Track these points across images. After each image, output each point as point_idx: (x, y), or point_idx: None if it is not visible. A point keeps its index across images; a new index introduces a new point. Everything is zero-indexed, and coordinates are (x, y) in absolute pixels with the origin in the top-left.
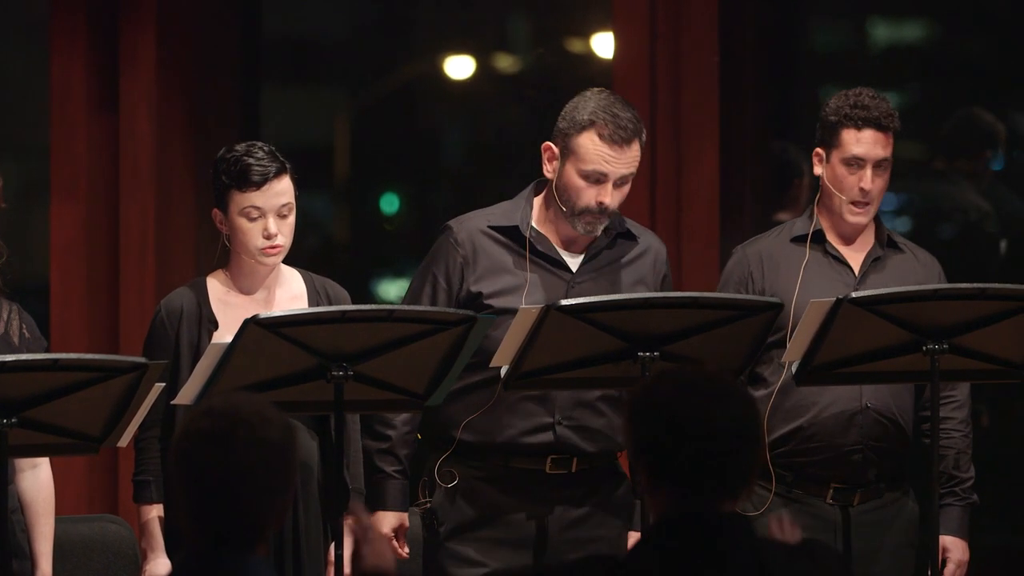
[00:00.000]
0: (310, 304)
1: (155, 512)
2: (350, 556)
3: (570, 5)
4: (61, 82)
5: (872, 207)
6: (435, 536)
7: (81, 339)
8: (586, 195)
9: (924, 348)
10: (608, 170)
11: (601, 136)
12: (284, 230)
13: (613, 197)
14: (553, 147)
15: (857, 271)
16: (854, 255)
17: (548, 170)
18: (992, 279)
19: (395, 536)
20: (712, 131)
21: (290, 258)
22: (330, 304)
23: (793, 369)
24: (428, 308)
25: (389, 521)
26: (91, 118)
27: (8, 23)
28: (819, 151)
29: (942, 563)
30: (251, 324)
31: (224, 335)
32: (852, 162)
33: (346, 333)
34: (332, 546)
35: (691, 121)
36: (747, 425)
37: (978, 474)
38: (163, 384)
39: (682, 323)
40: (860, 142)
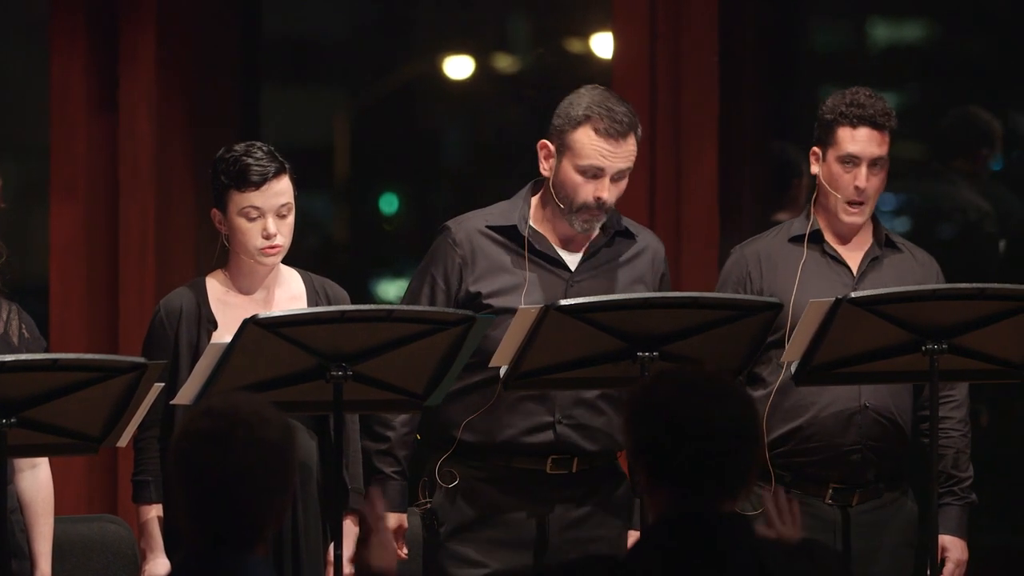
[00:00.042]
0: (309, 304)
1: (154, 512)
2: (353, 552)
3: (570, 5)
4: (61, 82)
5: (867, 206)
6: (435, 536)
7: (80, 339)
8: (584, 191)
9: (923, 348)
10: (605, 164)
11: (597, 131)
12: (283, 230)
13: (611, 192)
14: (549, 145)
15: (855, 271)
16: (852, 255)
17: (545, 168)
18: (991, 279)
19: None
20: (712, 131)
21: (289, 258)
22: (329, 304)
23: (792, 369)
24: (427, 308)
25: (389, 522)
26: (91, 118)
27: (8, 23)
28: (815, 150)
29: (941, 562)
30: (250, 324)
31: (223, 335)
32: (847, 160)
33: (345, 333)
34: (331, 546)
35: (691, 121)
36: (746, 425)
37: (977, 474)
38: (162, 384)
39: (681, 323)
40: (855, 140)
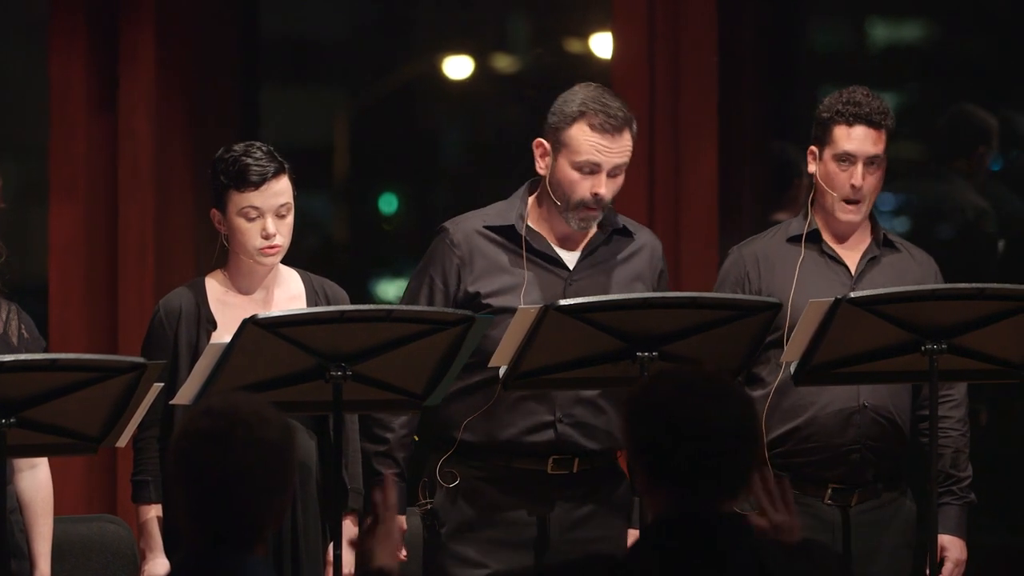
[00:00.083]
0: (308, 304)
1: (154, 512)
2: (355, 549)
3: (569, 5)
4: (60, 82)
5: (864, 205)
6: (436, 537)
7: (80, 339)
8: (581, 187)
9: (923, 348)
10: (601, 160)
11: (592, 126)
12: (282, 230)
13: (607, 188)
14: (545, 143)
15: (853, 270)
16: (850, 254)
17: (541, 166)
18: (990, 279)
19: None
20: (711, 131)
21: (289, 258)
22: (328, 304)
23: (792, 369)
24: (426, 308)
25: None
26: (90, 118)
27: (8, 23)
28: (813, 149)
29: (940, 562)
30: (249, 324)
31: (223, 335)
32: (843, 158)
33: (345, 333)
34: (331, 546)
35: (690, 121)
36: (745, 425)
37: (977, 474)
38: (162, 384)
39: (681, 323)
40: (851, 138)
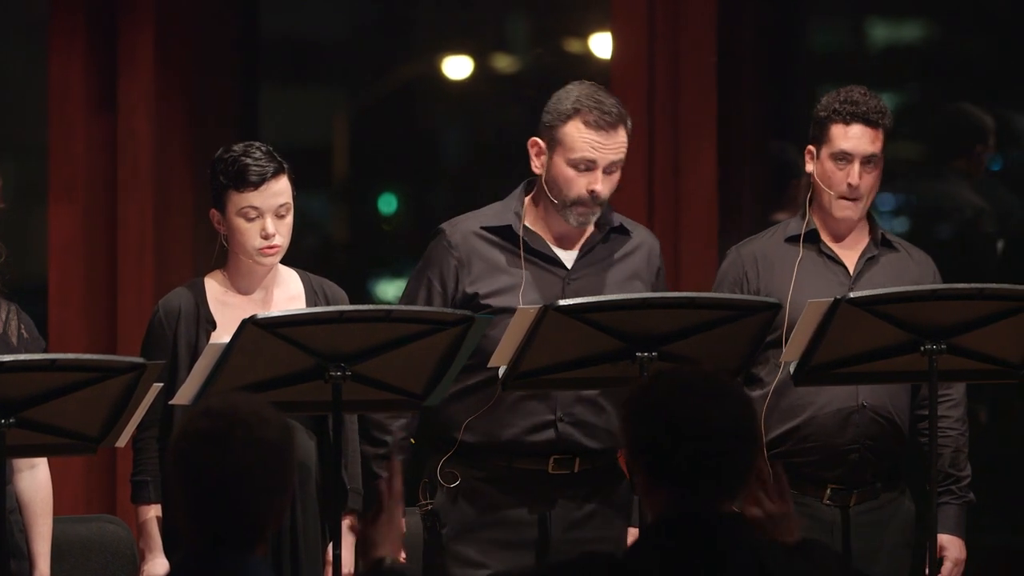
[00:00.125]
0: (308, 304)
1: (153, 512)
2: (356, 546)
3: (569, 5)
4: (60, 82)
5: (862, 203)
6: (437, 538)
7: (79, 339)
8: (577, 185)
9: (922, 348)
10: (596, 156)
11: (587, 123)
12: (282, 230)
13: (604, 184)
14: (540, 142)
15: (852, 270)
16: (849, 254)
17: (536, 165)
18: (989, 279)
19: None
20: (710, 131)
21: (288, 258)
22: (328, 304)
23: (791, 369)
24: (426, 308)
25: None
26: (90, 118)
27: (8, 23)
28: (810, 148)
29: (939, 562)
30: (249, 324)
31: (222, 335)
32: (840, 157)
33: (344, 333)
34: (330, 546)
35: (689, 121)
36: (744, 425)
37: (977, 474)
38: (161, 384)
39: (680, 323)
40: (848, 137)
